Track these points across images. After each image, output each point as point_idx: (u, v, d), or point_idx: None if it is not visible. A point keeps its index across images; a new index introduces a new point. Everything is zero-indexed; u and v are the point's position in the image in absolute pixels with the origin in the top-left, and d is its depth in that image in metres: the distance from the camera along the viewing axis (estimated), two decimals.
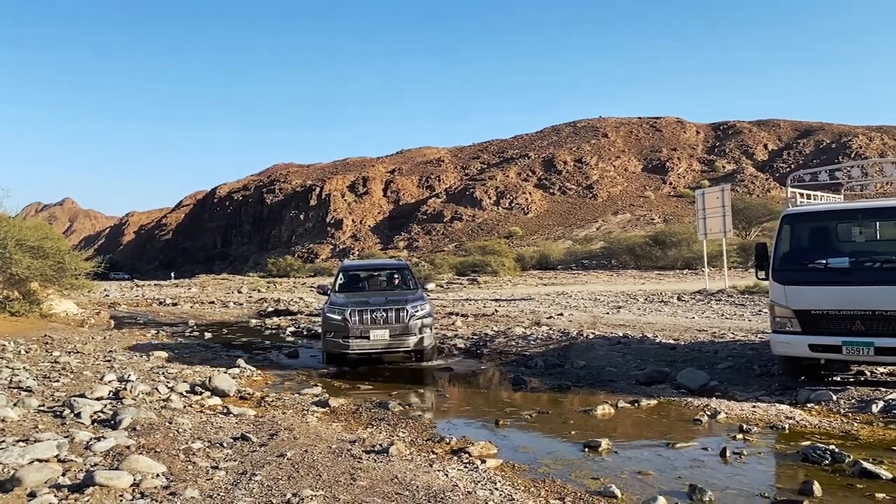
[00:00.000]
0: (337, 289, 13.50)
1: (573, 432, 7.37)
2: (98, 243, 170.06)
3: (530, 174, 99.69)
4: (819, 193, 12.10)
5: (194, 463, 5.82)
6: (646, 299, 25.57)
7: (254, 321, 23.79)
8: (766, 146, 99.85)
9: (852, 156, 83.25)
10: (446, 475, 5.58)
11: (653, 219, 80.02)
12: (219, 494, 4.90)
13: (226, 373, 11.00)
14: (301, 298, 32.96)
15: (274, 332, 20.19)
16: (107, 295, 40.12)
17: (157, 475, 5.37)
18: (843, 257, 9.08)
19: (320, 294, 14.57)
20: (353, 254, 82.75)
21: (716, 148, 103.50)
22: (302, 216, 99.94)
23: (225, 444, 6.51)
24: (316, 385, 10.40)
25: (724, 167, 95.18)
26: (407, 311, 11.97)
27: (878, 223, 10.09)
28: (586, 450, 6.65)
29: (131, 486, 5.09)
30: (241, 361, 12.42)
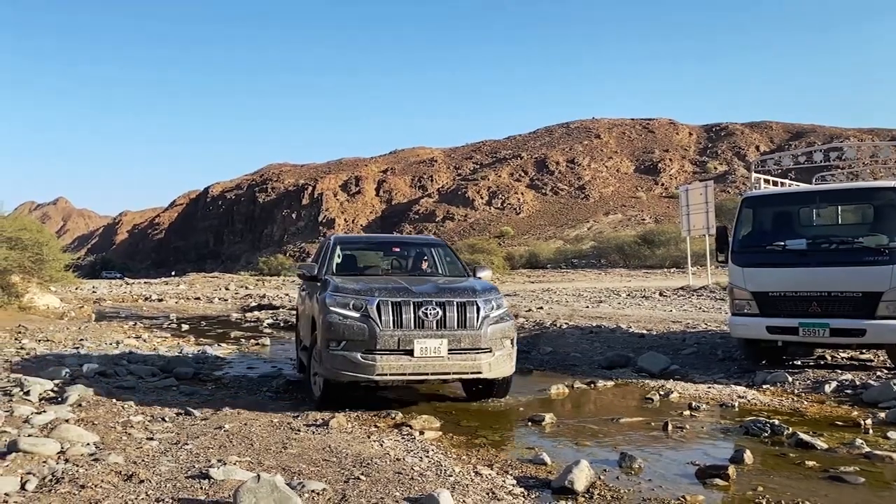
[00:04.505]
0: (335, 270, 8.32)
1: (521, 409, 7.34)
2: (91, 242, 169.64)
3: (523, 174, 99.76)
4: (785, 181, 12.15)
5: (129, 434, 5.78)
6: (628, 295, 25.59)
7: (235, 315, 23.72)
8: (758, 148, 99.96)
9: (843, 157, 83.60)
10: (381, 445, 5.55)
11: (644, 219, 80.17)
12: (143, 461, 4.86)
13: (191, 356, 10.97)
14: (287, 294, 32.92)
15: (253, 324, 20.12)
16: (94, 291, 40.03)
17: (87, 444, 5.32)
18: (801, 239, 9.08)
19: (306, 279, 8.54)
20: None
21: (708, 149, 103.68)
22: (294, 215, 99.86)
23: (167, 419, 6.47)
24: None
25: (715, 168, 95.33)
26: (478, 309, 7.00)
27: (839, 207, 10.13)
28: (529, 424, 6.64)
29: (57, 453, 5.04)
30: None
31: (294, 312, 12.54)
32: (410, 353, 6.74)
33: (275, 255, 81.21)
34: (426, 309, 6.84)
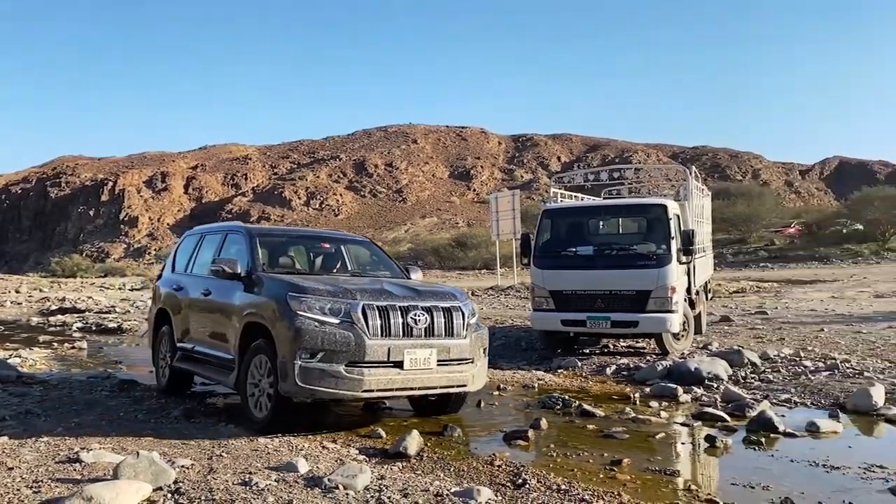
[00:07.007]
0: (262, 266, 6.94)
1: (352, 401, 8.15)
2: None
3: (341, 176, 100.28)
4: (580, 194, 14.03)
5: None
6: None
7: (35, 319, 22.25)
8: (559, 158, 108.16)
9: (623, 177, 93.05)
10: (232, 430, 6.13)
11: (458, 223, 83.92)
12: (3, 452, 5.09)
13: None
14: (90, 297, 31.07)
15: (59, 328, 19.11)
16: None
17: None
18: (589, 246, 10.74)
19: (224, 276, 6.90)
20: (149, 253, 78.48)
21: (515, 158, 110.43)
22: (92, 212, 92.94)
23: (7, 418, 6.55)
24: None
25: (522, 176, 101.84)
26: (462, 315, 6.49)
27: (620, 219, 12.02)
28: (363, 409, 7.48)
29: None
30: None
31: (147, 314, 10.02)
32: (400, 365, 5.99)
33: (69, 256, 75.03)
34: (415, 315, 6.13)
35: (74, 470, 4.61)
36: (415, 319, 6.11)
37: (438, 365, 6.19)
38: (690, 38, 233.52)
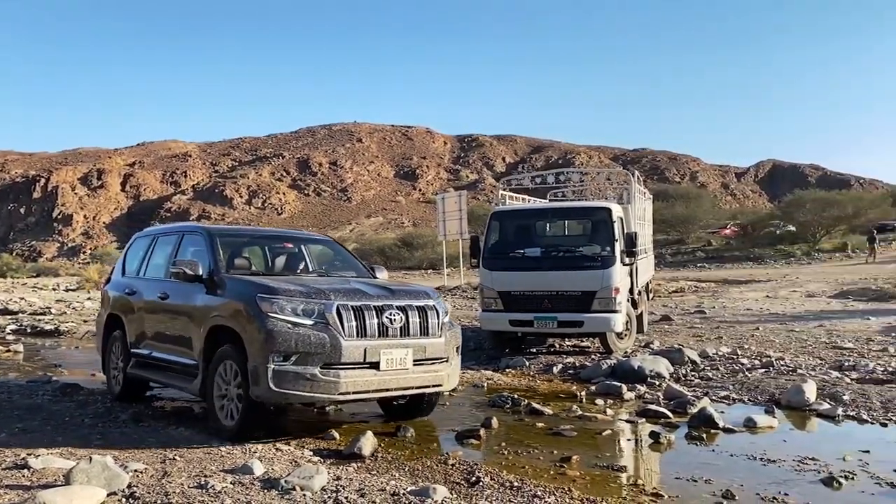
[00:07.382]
0: (225, 267, 6.68)
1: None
2: None
3: (285, 174, 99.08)
4: (527, 197, 14.28)
5: None
6: None
7: None
8: (504, 159, 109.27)
9: (568, 180, 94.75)
10: (183, 433, 6.08)
11: (403, 222, 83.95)
12: None
13: None
14: (22, 298, 29.99)
15: None
16: None
17: None
18: (536, 248, 10.95)
19: (186, 279, 6.55)
20: (84, 252, 76.10)
21: (461, 158, 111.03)
22: (23, 210, 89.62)
23: None
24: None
25: (468, 177, 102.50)
26: (437, 314, 6.39)
27: (566, 221, 12.28)
28: (314, 411, 7.49)
29: None
30: None
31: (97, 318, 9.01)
32: (377, 366, 5.86)
33: None
34: (390, 314, 5.99)
35: (24, 476, 4.53)
36: (390, 319, 5.98)
37: (414, 365, 6.09)
38: (628, 43, 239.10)
